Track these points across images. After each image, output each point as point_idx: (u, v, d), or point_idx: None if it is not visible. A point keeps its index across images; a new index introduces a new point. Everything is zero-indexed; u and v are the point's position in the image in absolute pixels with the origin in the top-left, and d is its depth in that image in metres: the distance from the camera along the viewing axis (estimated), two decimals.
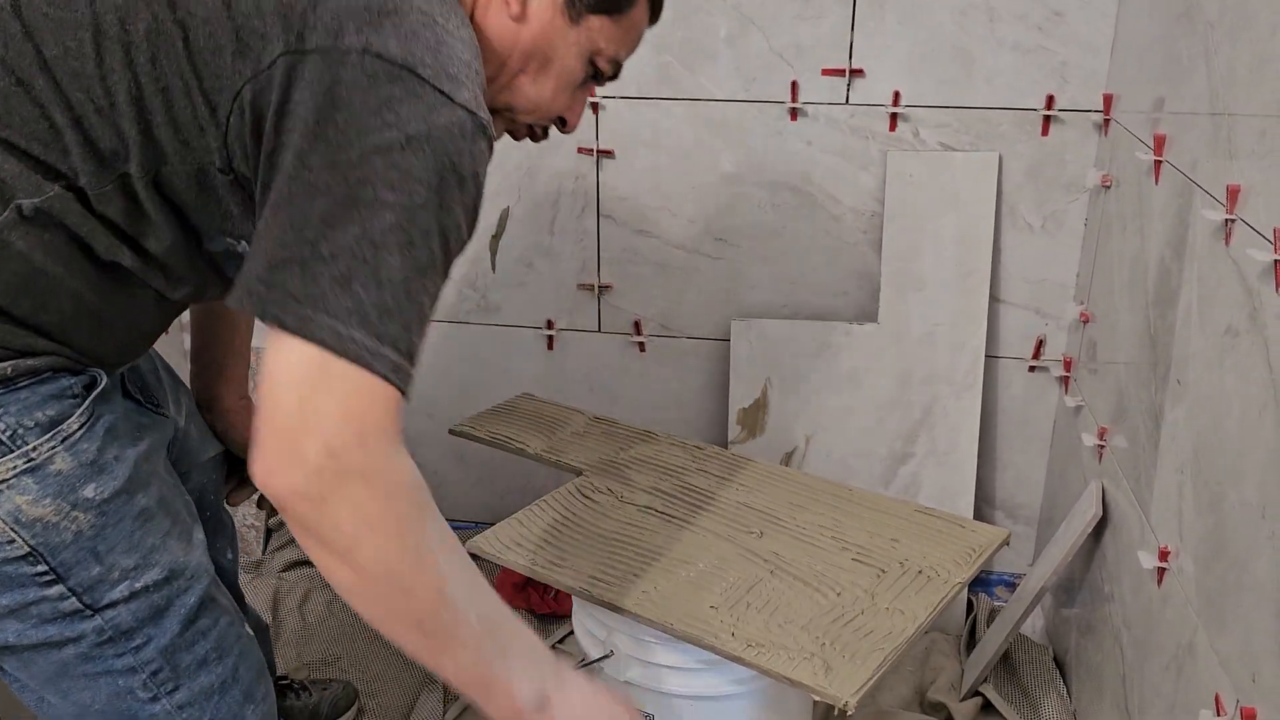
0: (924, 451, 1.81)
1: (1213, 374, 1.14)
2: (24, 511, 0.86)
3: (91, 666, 0.92)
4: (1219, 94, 1.18)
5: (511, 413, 1.74)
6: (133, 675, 0.93)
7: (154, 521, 0.94)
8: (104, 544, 0.90)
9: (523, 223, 1.89)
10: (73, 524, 0.88)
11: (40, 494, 0.86)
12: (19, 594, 0.88)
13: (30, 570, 0.87)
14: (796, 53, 1.70)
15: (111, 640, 0.91)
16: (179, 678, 0.95)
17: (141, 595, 0.92)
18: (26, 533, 0.86)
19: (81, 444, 0.89)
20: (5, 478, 0.85)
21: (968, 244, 1.73)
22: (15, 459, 0.86)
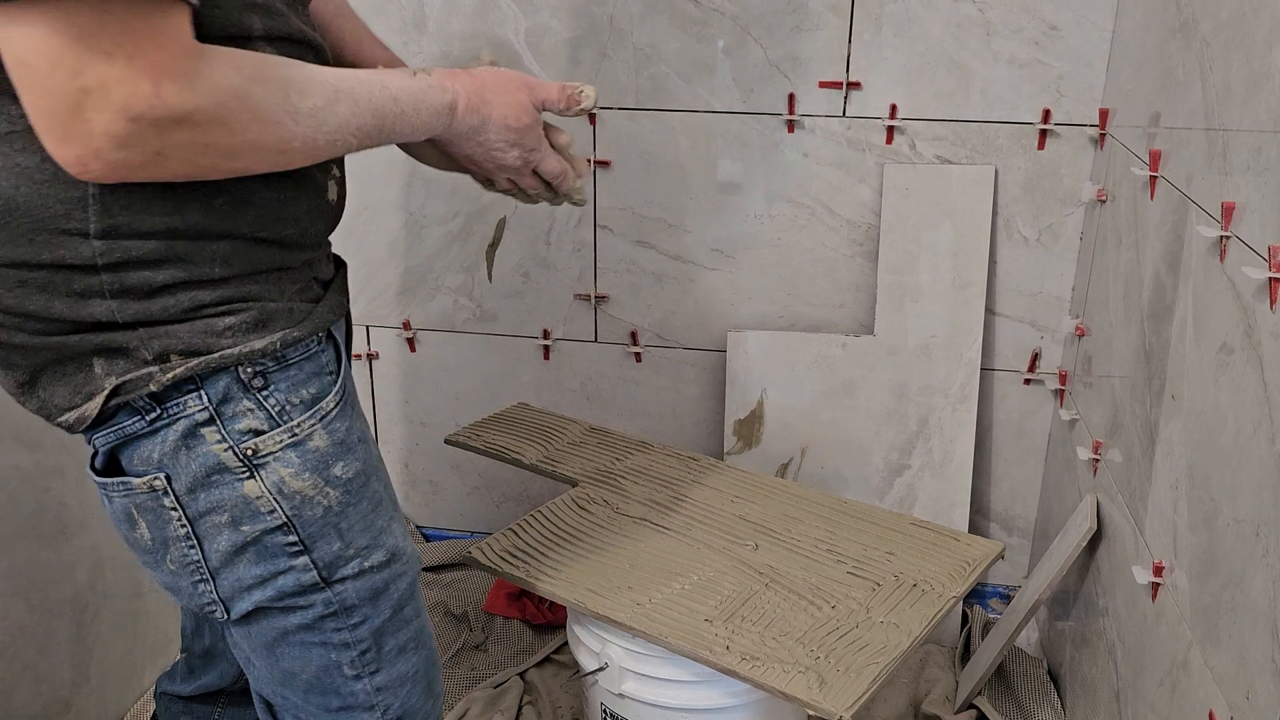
0: (920, 463, 1.81)
1: (1207, 390, 1.15)
2: (287, 484, 0.91)
3: (310, 636, 0.96)
4: (1214, 110, 1.18)
5: (507, 422, 1.74)
6: (345, 650, 0.98)
7: (383, 504, 0.99)
8: (345, 521, 0.95)
9: (519, 232, 1.89)
10: (324, 499, 0.93)
11: (301, 468, 0.91)
12: (271, 564, 0.93)
13: (283, 540, 0.92)
14: (794, 65, 1.71)
15: (335, 614, 0.96)
16: (381, 660, 1.00)
17: (367, 574, 0.96)
18: (286, 504, 0.91)
19: (336, 422, 0.94)
20: (273, 450, 0.90)
21: (964, 257, 1.74)
22: (282, 434, 0.90)
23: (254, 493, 0.90)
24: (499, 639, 1.86)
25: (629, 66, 1.75)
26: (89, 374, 0.87)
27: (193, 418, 0.88)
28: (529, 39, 1.77)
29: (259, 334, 0.89)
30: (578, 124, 1.80)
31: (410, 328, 1.99)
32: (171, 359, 0.86)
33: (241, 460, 0.89)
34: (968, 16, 1.63)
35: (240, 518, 0.90)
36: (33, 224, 0.79)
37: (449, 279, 1.95)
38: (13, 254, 0.81)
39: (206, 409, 0.88)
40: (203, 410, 0.88)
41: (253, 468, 0.90)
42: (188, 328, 0.87)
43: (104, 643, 1.61)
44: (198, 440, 0.89)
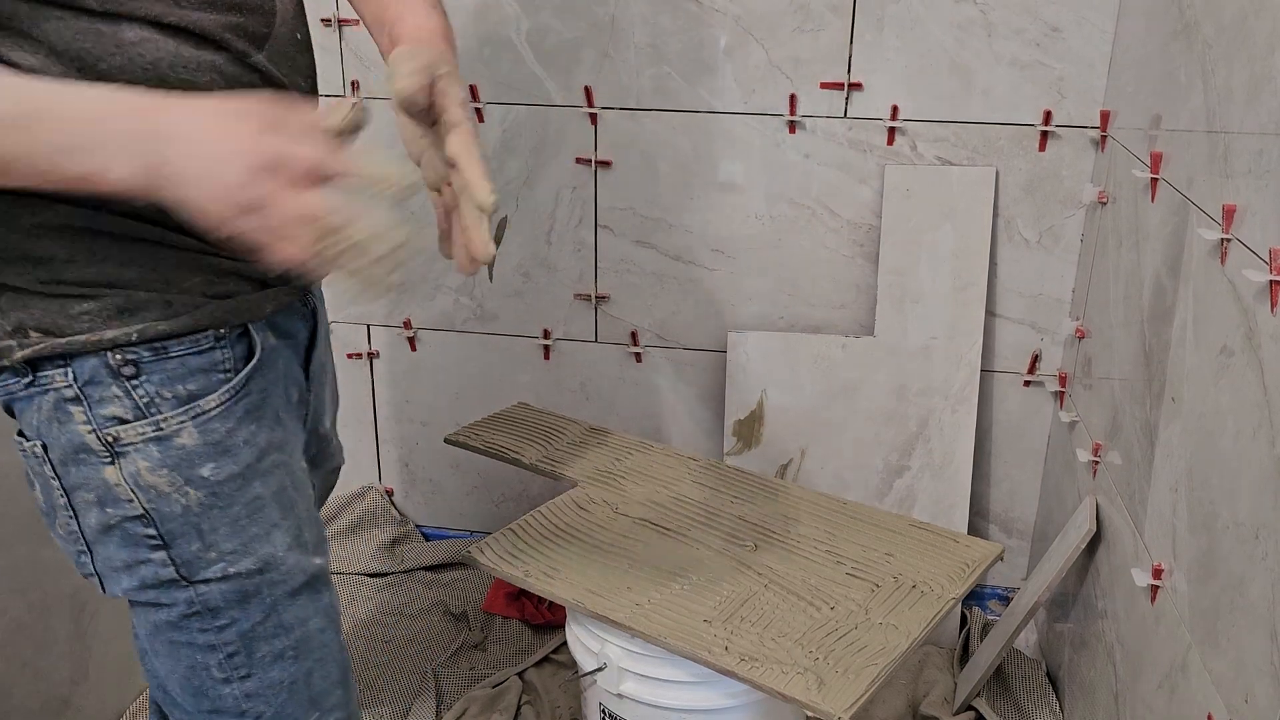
0: (919, 465, 1.81)
1: (1207, 393, 1.15)
2: (142, 476, 0.90)
3: (177, 635, 0.95)
4: (1216, 113, 1.18)
5: (507, 422, 1.74)
6: (211, 653, 0.96)
7: (263, 512, 0.95)
8: (208, 523, 0.92)
9: (521, 232, 1.89)
10: (183, 498, 0.91)
11: (159, 463, 0.90)
12: (133, 551, 0.92)
13: (142, 531, 0.92)
14: (795, 66, 1.70)
15: (199, 614, 0.95)
16: (252, 666, 0.98)
17: (234, 579, 0.94)
18: (143, 496, 0.90)
19: (213, 423, 0.91)
20: (133, 441, 0.89)
21: (964, 258, 1.73)
22: (145, 426, 0.89)
23: (114, 479, 0.89)
24: (498, 638, 1.86)
25: (631, 67, 1.75)
26: None
27: (60, 392, 0.87)
28: (530, 39, 1.77)
29: (118, 323, 0.87)
30: (579, 124, 1.80)
31: (410, 327, 1.99)
32: (30, 334, 0.86)
33: (104, 445, 0.88)
34: (969, 18, 1.63)
35: (104, 499, 0.90)
36: None
37: (449, 279, 1.95)
38: None
39: (72, 386, 0.87)
40: (69, 387, 0.87)
41: (114, 454, 0.89)
42: (43, 304, 0.86)
43: (102, 640, 1.61)
44: (66, 416, 0.88)
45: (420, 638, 1.85)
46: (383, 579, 2.00)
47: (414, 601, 1.94)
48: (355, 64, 1.84)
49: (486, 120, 1.83)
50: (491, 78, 1.80)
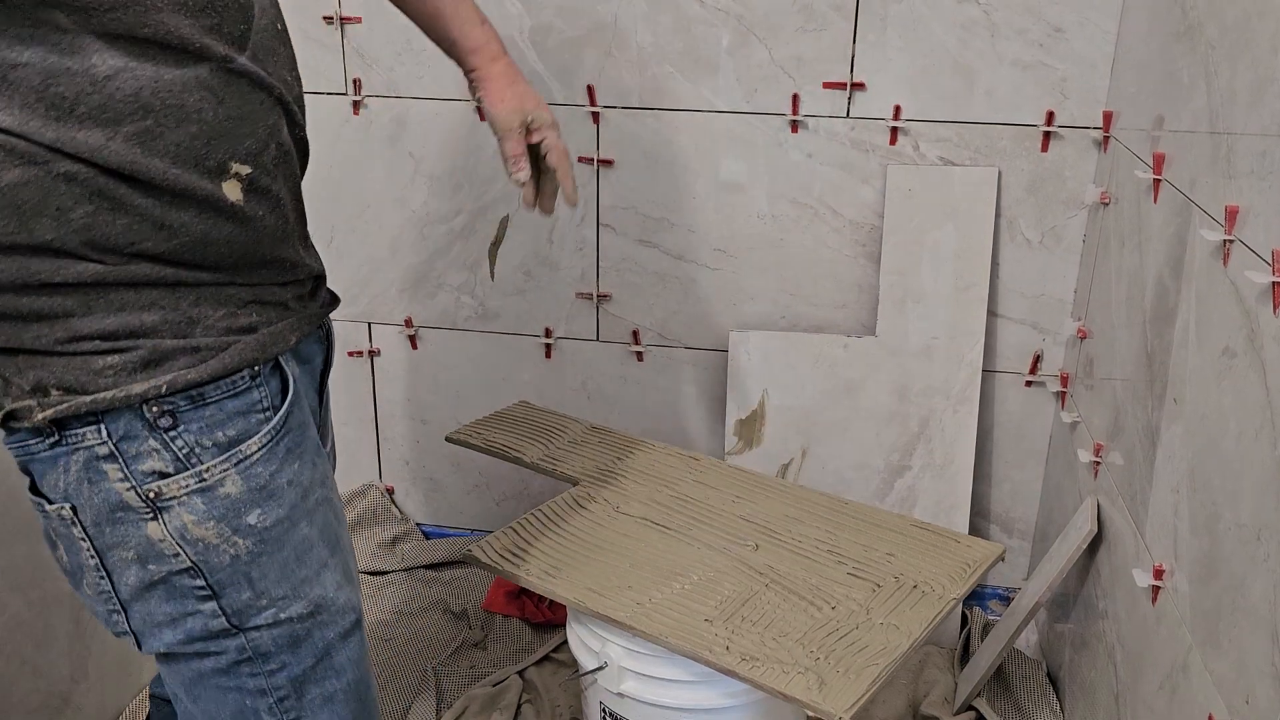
0: (920, 465, 1.81)
1: (1210, 394, 1.14)
2: (189, 530, 0.86)
3: (225, 680, 0.93)
4: (1219, 114, 1.18)
5: (508, 420, 1.74)
6: (261, 697, 0.94)
7: (312, 552, 0.93)
8: (258, 570, 0.90)
9: (522, 231, 1.89)
10: (231, 548, 0.88)
11: (205, 515, 0.86)
12: (180, 604, 0.89)
13: (191, 583, 0.88)
14: (798, 65, 1.70)
15: (249, 660, 0.92)
16: (302, 709, 0.95)
17: (285, 624, 0.92)
18: (190, 549, 0.87)
19: (256, 467, 0.88)
20: (176, 495, 0.85)
21: (966, 258, 1.73)
22: (188, 478, 0.85)
23: (157, 535, 0.86)
24: (498, 637, 1.86)
25: (633, 66, 1.75)
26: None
27: (92, 450, 0.83)
28: (533, 38, 1.76)
29: (145, 375, 0.82)
30: (582, 123, 1.80)
31: (412, 325, 1.99)
32: (51, 393, 0.81)
33: (145, 501, 0.85)
34: (972, 18, 1.63)
35: (146, 556, 0.86)
36: None
37: (451, 277, 1.95)
38: None
39: (106, 444, 0.83)
40: (102, 445, 0.83)
41: (156, 510, 0.85)
42: (64, 363, 0.81)
43: (102, 639, 1.61)
44: (99, 475, 0.84)
45: (420, 636, 1.85)
46: (383, 577, 2.00)
47: (414, 600, 1.94)
48: (357, 61, 1.84)
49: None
50: None
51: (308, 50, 1.84)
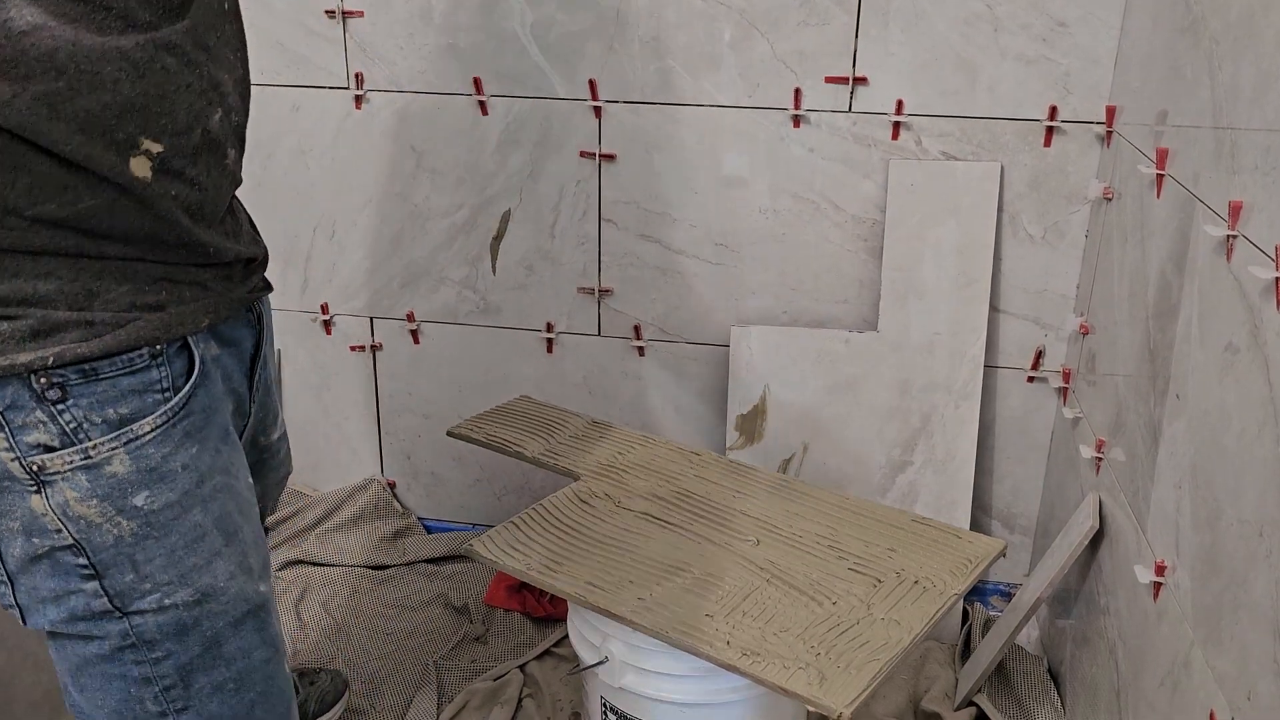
0: (922, 460, 1.81)
1: (1212, 390, 1.14)
2: (71, 507, 0.85)
3: (110, 667, 0.91)
4: (1222, 109, 1.18)
5: (510, 415, 1.74)
6: (146, 686, 0.92)
7: (204, 540, 0.91)
8: (143, 553, 0.88)
9: (524, 225, 1.89)
10: (114, 528, 0.86)
11: (89, 493, 0.85)
12: (63, 581, 0.88)
13: (74, 561, 0.87)
14: (800, 60, 1.70)
15: (133, 646, 0.90)
16: (190, 699, 0.94)
17: (169, 610, 0.90)
18: (72, 526, 0.85)
19: (148, 448, 0.86)
20: (60, 470, 0.84)
21: (968, 253, 1.73)
22: (73, 454, 0.83)
23: (39, 509, 0.84)
24: (499, 631, 1.86)
25: (635, 60, 1.75)
26: None
27: None
28: (535, 31, 1.76)
29: (34, 345, 0.80)
30: (584, 117, 1.80)
31: (414, 320, 1.99)
32: None
33: (29, 473, 0.83)
34: (975, 13, 1.63)
35: (30, 529, 0.85)
36: None
37: (453, 271, 1.95)
38: None
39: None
40: None
41: (40, 483, 0.84)
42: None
43: None
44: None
45: (421, 630, 1.85)
46: (384, 571, 2.00)
47: (415, 594, 1.94)
48: (359, 55, 1.84)
49: (490, 113, 1.82)
50: (496, 71, 1.80)
51: (310, 44, 1.84)
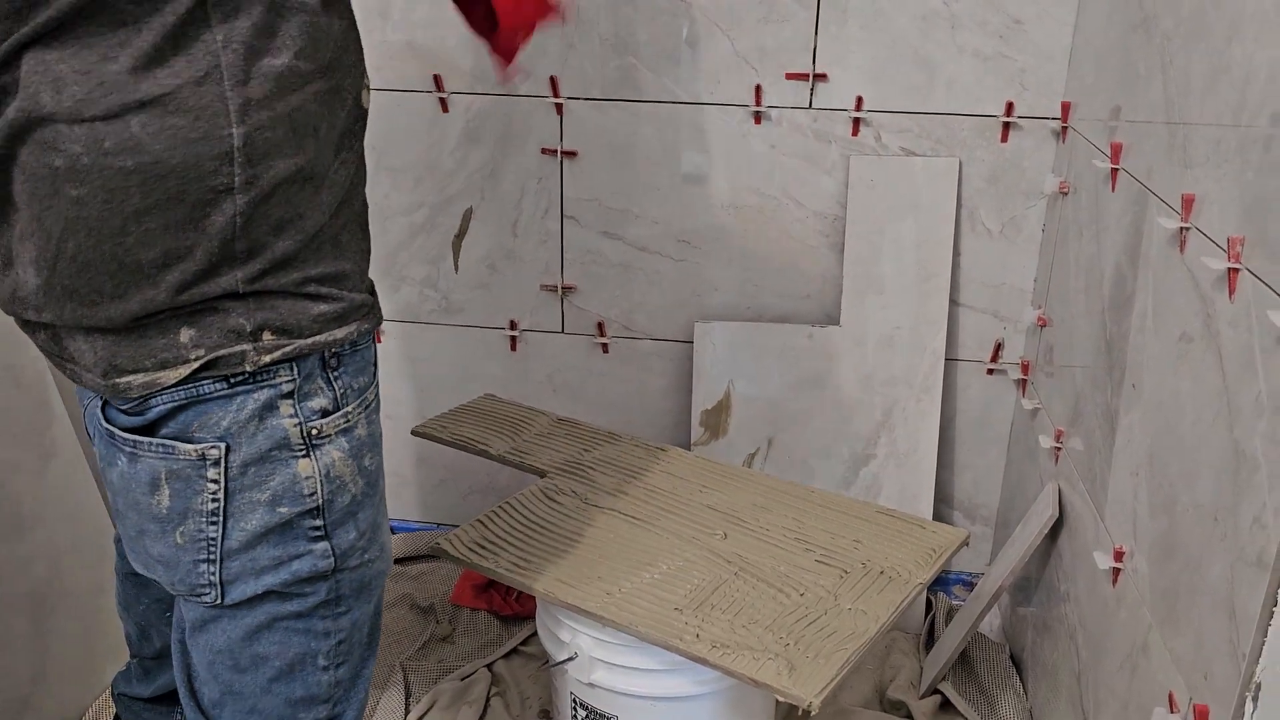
0: (885, 453, 1.83)
1: (1167, 379, 1.17)
2: (335, 466, 0.92)
3: (298, 623, 0.96)
4: (1175, 103, 1.20)
5: (474, 414, 1.73)
6: (325, 639, 0.98)
7: (384, 502, 1.01)
8: (363, 512, 0.96)
9: (486, 223, 1.88)
10: (354, 487, 0.95)
11: (347, 454, 0.93)
12: (292, 546, 0.93)
13: (310, 524, 0.93)
14: (760, 56, 1.71)
15: (328, 603, 0.97)
16: (350, 655, 1.01)
17: (363, 568, 0.98)
18: (327, 487, 0.92)
19: (372, 414, 0.96)
20: (329, 434, 0.91)
21: (928, 248, 1.75)
22: (339, 418, 0.92)
23: (306, 472, 0.91)
24: (466, 631, 1.85)
25: (596, 57, 1.75)
26: (171, 340, 0.85)
27: (278, 388, 0.88)
28: None
29: (341, 324, 0.91)
30: (544, 115, 1.79)
31: None
32: (264, 337, 0.87)
33: (303, 438, 0.90)
34: (933, 10, 1.65)
35: (281, 497, 0.91)
36: (182, 184, 0.80)
37: (414, 270, 1.94)
38: (163, 217, 0.81)
39: (293, 381, 0.89)
40: (289, 382, 0.89)
41: (310, 447, 0.91)
42: (289, 305, 0.87)
43: (62, 640, 1.58)
44: (272, 412, 0.89)
45: (387, 631, 1.84)
46: None
47: None
48: None
49: (451, 111, 1.82)
50: (456, 68, 1.79)
51: None
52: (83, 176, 0.78)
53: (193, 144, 0.79)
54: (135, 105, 0.77)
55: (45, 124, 0.77)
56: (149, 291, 0.82)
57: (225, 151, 0.80)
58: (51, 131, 0.77)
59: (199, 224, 0.81)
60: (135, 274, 0.82)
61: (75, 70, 0.76)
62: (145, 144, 0.77)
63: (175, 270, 0.82)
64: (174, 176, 0.79)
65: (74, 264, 0.81)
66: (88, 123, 0.77)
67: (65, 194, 0.79)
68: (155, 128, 0.77)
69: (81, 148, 0.77)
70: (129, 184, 0.78)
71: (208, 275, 0.83)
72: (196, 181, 0.80)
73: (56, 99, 0.76)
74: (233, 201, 0.81)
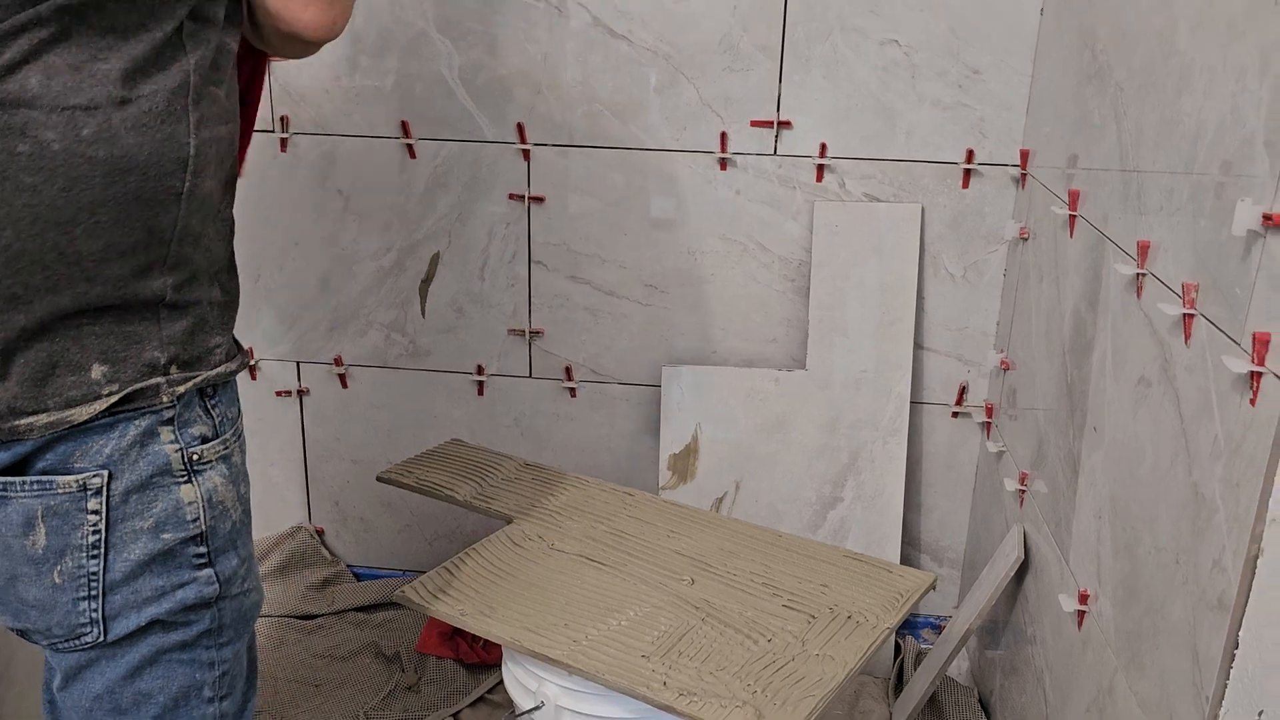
0: (852, 496, 1.84)
1: (1127, 423, 1.18)
2: (217, 492, 0.94)
3: (183, 654, 0.96)
4: (1129, 152, 1.23)
5: (440, 459, 1.72)
6: (210, 670, 0.98)
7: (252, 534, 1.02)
8: (240, 539, 0.98)
9: (453, 268, 1.89)
10: (235, 514, 0.97)
11: (226, 480, 0.95)
12: (175, 575, 0.94)
13: (194, 550, 0.94)
14: (725, 104, 1.73)
15: (211, 632, 0.97)
16: (234, 688, 1.01)
17: (242, 597, 0.99)
18: (209, 513, 0.94)
19: (244, 441, 1.00)
20: (209, 460, 0.94)
21: (892, 292, 1.77)
22: (219, 445, 0.94)
23: (188, 498, 0.92)
24: (432, 679, 1.83)
25: (563, 104, 1.77)
26: (81, 378, 0.86)
27: (159, 414, 0.90)
28: (463, 75, 1.77)
29: (229, 359, 0.96)
30: (513, 160, 1.81)
31: (342, 364, 1.97)
32: (172, 370, 0.90)
33: (184, 464, 0.91)
34: (893, 60, 1.68)
35: (164, 524, 0.91)
36: (143, 181, 0.85)
37: (381, 314, 1.93)
38: (117, 211, 0.85)
39: (173, 408, 0.91)
40: (169, 409, 0.90)
41: (191, 473, 0.92)
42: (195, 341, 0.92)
43: (18, 694, 1.55)
44: (154, 439, 0.90)
45: (352, 680, 1.81)
46: (313, 621, 1.95)
47: (345, 643, 1.90)
48: (285, 98, 1.83)
49: (419, 156, 1.82)
50: (424, 114, 1.80)
51: None
52: (45, 164, 0.82)
53: (159, 144, 0.85)
54: (118, 101, 0.83)
55: (20, 108, 0.81)
56: (82, 286, 0.85)
57: (183, 158, 0.87)
58: (23, 117, 0.81)
59: (146, 222, 0.86)
60: (73, 266, 0.84)
61: (68, 63, 0.82)
62: (120, 136, 0.83)
63: (114, 265, 0.85)
64: (137, 172, 0.84)
65: (1, 255, 0.82)
66: (69, 110, 0.82)
67: (17, 181, 0.81)
68: (132, 123, 0.84)
69: (55, 134, 0.81)
70: (94, 173, 0.83)
71: (143, 275, 0.87)
72: (155, 180, 0.86)
73: (45, 84, 0.81)
74: (178, 205, 0.87)
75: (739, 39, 1.70)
